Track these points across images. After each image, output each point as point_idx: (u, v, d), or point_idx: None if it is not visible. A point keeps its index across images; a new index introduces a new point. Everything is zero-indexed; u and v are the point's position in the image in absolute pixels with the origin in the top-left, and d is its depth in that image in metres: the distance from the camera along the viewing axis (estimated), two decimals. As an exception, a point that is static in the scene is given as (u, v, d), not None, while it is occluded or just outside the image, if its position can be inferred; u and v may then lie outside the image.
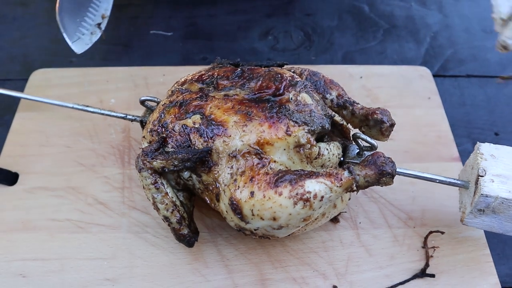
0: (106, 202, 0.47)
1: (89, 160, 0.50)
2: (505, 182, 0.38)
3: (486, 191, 0.37)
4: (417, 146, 0.51)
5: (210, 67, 0.45)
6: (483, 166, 0.39)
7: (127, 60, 0.63)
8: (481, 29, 0.67)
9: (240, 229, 0.38)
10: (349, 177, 0.36)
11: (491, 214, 0.39)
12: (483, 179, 0.38)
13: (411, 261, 0.43)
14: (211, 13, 0.69)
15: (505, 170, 0.38)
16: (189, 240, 0.40)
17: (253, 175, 0.36)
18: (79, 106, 0.49)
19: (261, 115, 0.38)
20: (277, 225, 0.36)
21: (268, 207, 0.35)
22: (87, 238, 0.44)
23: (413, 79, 0.58)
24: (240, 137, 0.37)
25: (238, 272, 0.42)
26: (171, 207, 0.39)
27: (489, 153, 0.40)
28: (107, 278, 0.42)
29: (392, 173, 0.37)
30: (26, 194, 0.47)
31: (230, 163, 0.37)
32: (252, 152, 0.37)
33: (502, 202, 0.37)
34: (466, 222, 0.41)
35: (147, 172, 0.39)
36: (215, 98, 0.40)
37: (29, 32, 0.67)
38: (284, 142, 0.37)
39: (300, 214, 0.35)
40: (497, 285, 0.42)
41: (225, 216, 0.38)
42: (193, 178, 0.39)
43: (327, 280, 0.42)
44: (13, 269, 0.42)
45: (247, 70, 0.41)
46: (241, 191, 0.36)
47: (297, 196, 0.35)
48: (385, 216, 0.46)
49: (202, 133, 0.38)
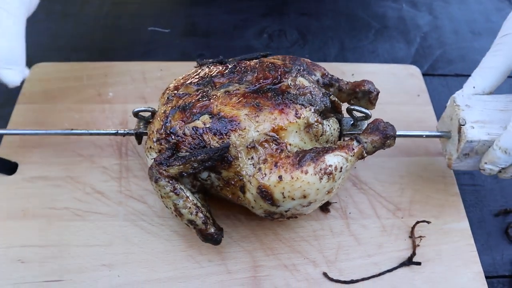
0: (104, 191, 0.48)
1: (88, 151, 0.51)
2: (483, 127, 0.42)
3: (470, 137, 0.42)
4: (406, 141, 0.53)
5: (196, 69, 0.45)
6: (462, 116, 0.43)
7: (125, 56, 0.64)
8: (469, 31, 0.70)
9: (269, 214, 0.40)
10: (358, 146, 0.39)
11: (474, 156, 0.43)
12: (465, 127, 0.42)
13: (398, 250, 0.45)
14: (209, 12, 0.71)
15: (481, 116, 0.43)
16: (216, 237, 0.41)
17: (276, 160, 0.38)
18: (64, 131, 0.46)
19: (269, 104, 0.39)
20: (307, 202, 0.38)
21: (297, 187, 0.37)
22: (84, 225, 0.45)
23: (403, 77, 0.60)
24: (255, 128, 0.38)
25: (231, 259, 0.44)
26: (194, 209, 0.39)
27: (464, 104, 0.44)
28: (103, 264, 0.43)
29: (395, 135, 0.41)
30: (25, 183, 0.48)
31: (250, 154, 0.38)
32: (270, 139, 0.39)
33: (484, 144, 0.42)
34: (454, 167, 0.45)
35: (164, 181, 0.38)
36: (217, 96, 0.40)
37: (29, 28, 0.68)
38: (296, 125, 0.39)
39: (325, 187, 0.38)
40: (480, 273, 0.44)
41: (252, 206, 0.39)
42: (211, 176, 0.40)
43: (317, 267, 0.43)
44: (12, 255, 0.43)
45: (238, 65, 0.43)
46: (269, 178, 0.37)
47: (321, 171, 0.37)
48: (374, 207, 0.48)
49: (216, 132, 0.38)
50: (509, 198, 0.51)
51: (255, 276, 0.43)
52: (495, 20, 0.71)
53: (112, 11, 0.70)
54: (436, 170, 0.51)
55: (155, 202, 0.47)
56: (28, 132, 0.47)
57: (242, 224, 0.46)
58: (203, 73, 0.43)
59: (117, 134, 0.46)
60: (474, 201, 0.51)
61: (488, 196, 0.52)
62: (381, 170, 0.50)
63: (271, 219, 0.41)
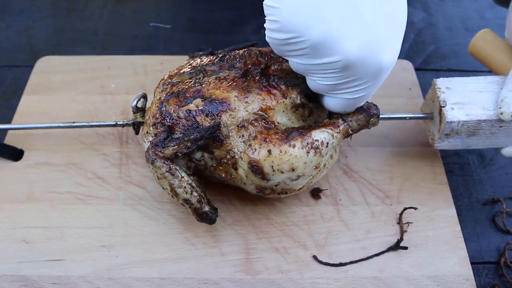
0: (104, 177, 0.50)
1: (90, 139, 0.53)
2: (462, 108, 0.44)
3: (450, 118, 0.44)
4: (396, 132, 0.55)
5: (188, 60, 0.48)
6: (443, 98, 0.45)
7: (128, 50, 0.66)
8: (463, 27, 0.71)
9: (260, 190, 0.42)
10: (344, 124, 0.42)
11: (455, 136, 0.46)
12: (445, 109, 0.44)
13: (386, 235, 0.47)
14: (209, 8, 0.73)
15: (460, 98, 0.45)
16: (211, 216, 0.42)
17: (265, 136, 0.40)
18: (66, 124, 0.49)
19: (256, 86, 0.42)
20: (296, 175, 0.40)
21: (286, 160, 0.39)
22: (86, 209, 0.48)
23: (396, 71, 0.61)
24: (244, 108, 0.41)
25: (225, 241, 0.46)
26: (189, 188, 0.41)
27: (445, 86, 0.46)
28: (103, 245, 0.45)
29: (378, 114, 0.43)
30: (30, 169, 0.51)
31: (240, 132, 0.41)
32: (258, 118, 0.41)
33: (463, 124, 0.44)
34: (436, 146, 0.48)
35: (160, 162, 0.40)
36: (209, 81, 0.43)
37: (35, 23, 0.71)
38: (283, 105, 0.42)
39: (313, 161, 0.40)
40: (466, 258, 0.45)
41: (244, 182, 0.41)
42: (205, 156, 0.42)
43: (307, 251, 0.45)
44: (17, 236, 0.46)
45: (228, 54, 0.45)
46: (259, 152, 0.40)
47: (308, 146, 0.40)
48: (364, 194, 0.50)
49: (208, 113, 0.41)
50: (498, 188, 0.53)
51: (247, 258, 0.45)
52: (489, 18, 0.73)
53: (115, 7, 0.73)
54: (425, 160, 0.53)
55: (154, 188, 0.49)
56: (32, 126, 0.50)
57: (236, 209, 0.48)
58: (195, 63, 0.46)
59: (116, 125, 0.48)
60: (463, 191, 0.53)
61: (477, 185, 0.53)
62: (371, 159, 0.52)
63: (262, 195, 0.43)
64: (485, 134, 0.46)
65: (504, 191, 0.52)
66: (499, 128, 0.45)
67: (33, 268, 0.44)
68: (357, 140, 0.54)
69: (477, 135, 0.46)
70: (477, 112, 0.44)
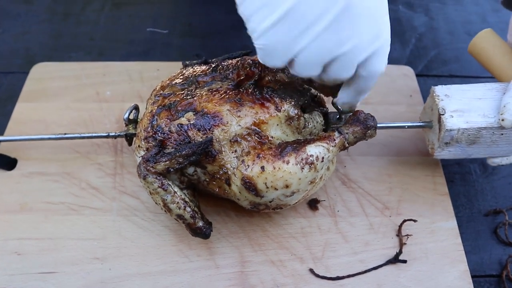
0: (99, 187, 0.49)
1: (84, 148, 0.53)
2: (461, 115, 0.43)
3: (449, 126, 0.43)
4: (396, 140, 0.54)
5: (181, 70, 0.47)
6: (441, 106, 0.44)
7: (124, 56, 0.65)
8: (465, 32, 0.70)
9: (254, 206, 0.41)
10: (340, 136, 0.40)
11: (455, 144, 0.44)
12: (444, 117, 0.43)
13: (385, 247, 0.46)
14: (206, 13, 0.72)
15: (459, 105, 0.44)
16: (205, 231, 0.42)
17: (258, 152, 0.39)
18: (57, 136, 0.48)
19: (249, 99, 0.41)
20: (290, 191, 0.39)
21: (279, 177, 0.38)
22: (79, 220, 0.47)
23: (396, 77, 0.61)
24: (237, 122, 0.40)
25: (219, 254, 0.45)
26: (182, 204, 0.40)
27: (443, 94, 0.45)
28: (96, 257, 0.44)
29: (375, 126, 0.42)
30: (23, 178, 0.50)
31: (233, 147, 0.40)
32: (252, 133, 0.40)
33: (463, 132, 0.43)
34: (436, 156, 0.46)
35: (152, 177, 0.39)
36: (201, 94, 0.42)
37: (32, 28, 0.70)
38: (277, 118, 0.41)
39: (307, 177, 0.39)
40: (466, 272, 0.44)
41: (238, 198, 0.41)
42: (198, 171, 0.41)
43: (304, 264, 0.44)
44: (9, 247, 0.45)
45: (221, 64, 0.44)
46: (252, 169, 0.39)
47: (303, 161, 0.38)
48: (362, 205, 0.49)
49: (200, 127, 0.40)
50: (500, 198, 0.52)
51: (242, 271, 0.44)
52: (491, 21, 0.71)
53: (112, 12, 0.72)
54: (425, 169, 0.51)
55: (148, 198, 0.48)
56: (23, 138, 0.49)
57: (231, 220, 0.47)
58: (187, 73, 0.45)
59: (108, 137, 0.48)
60: (464, 201, 0.51)
61: (478, 196, 0.52)
62: (370, 169, 0.51)
63: (257, 210, 0.42)
64: (486, 142, 0.45)
65: (506, 201, 0.51)
66: (500, 136, 0.44)
67: (25, 280, 0.43)
68: (356, 149, 0.52)
69: (477, 143, 0.45)
70: (477, 119, 0.43)
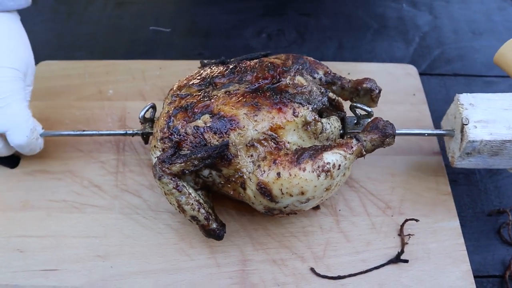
0: (101, 185, 0.50)
1: (87, 146, 0.53)
2: (485, 126, 0.42)
3: (472, 137, 0.41)
4: (400, 139, 0.53)
5: (198, 69, 0.47)
6: (465, 115, 0.42)
7: (126, 54, 0.66)
8: (469, 31, 0.69)
9: (269, 211, 0.41)
10: (357, 144, 0.40)
11: (477, 155, 0.43)
12: (467, 127, 0.42)
13: (387, 247, 0.45)
14: (209, 12, 0.72)
15: (484, 115, 0.42)
16: (219, 233, 0.42)
17: (275, 157, 0.39)
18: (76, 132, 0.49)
19: (267, 103, 0.40)
20: (305, 198, 0.39)
21: (295, 184, 0.38)
22: (81, 218, 0.47)
23: (399, 76, 0.60)
24: (253, 127, 0.40)
25: (221, 252, 0.45)
26: (197, 205, 0.40)
27: (468, 102, 0.43)
28: (98, 255, 0.45)
29: (394, 134, 0.41)
30: (26, 176, 0.50)
31: (249, 152, 0.40)
32: (268, 138, 0.40)
33: (486, 144, 0.42)
34: (456, 165, 0.45)
35: (167, 178, 0.39)
36: (218, 96, 0.42)
37: (35, 27, 0.70)
38: (294, 124, 0.40)
39: (323, 184, 0.39)
40: (469, 272, 0.44)
41: (253, 202, 0.40)
42: (213, 174, 0.41)
43: (305, 263, 0.44)
44: (11, 244, 0.45)
45: (239, 65, 0.44)
46: (268, 174, 0.38)
47: (319, 169, 0.38)
48: (364, 204, 0.48)
49: (216, 130, 0.40)
50: (503, 198, 0.51)
51: (243, 270, 0.44)
52: (496, 20, 0.71)
53: (115, 11, 0.72)
54: (428, 169, 0.51)
55: (150, 197, 0.49)
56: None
57: (233, 219, 0.47)
58: (205, 73, 0.45)
59: (126, 135, 0.48)
60: (467, 201, 0.51)
61: (482, 196, 0.51)
62: (372, 169, 0.51)
63: (271, 215, 0.41)
64: (509, 154, 0.43)
65: (510, 201, 0.51)
66: None
67: (27, 278, 0.43)
68: (358, 148, 0.52)
69: (500, 155, 0.43)
70: (501, 131, 0.41)
